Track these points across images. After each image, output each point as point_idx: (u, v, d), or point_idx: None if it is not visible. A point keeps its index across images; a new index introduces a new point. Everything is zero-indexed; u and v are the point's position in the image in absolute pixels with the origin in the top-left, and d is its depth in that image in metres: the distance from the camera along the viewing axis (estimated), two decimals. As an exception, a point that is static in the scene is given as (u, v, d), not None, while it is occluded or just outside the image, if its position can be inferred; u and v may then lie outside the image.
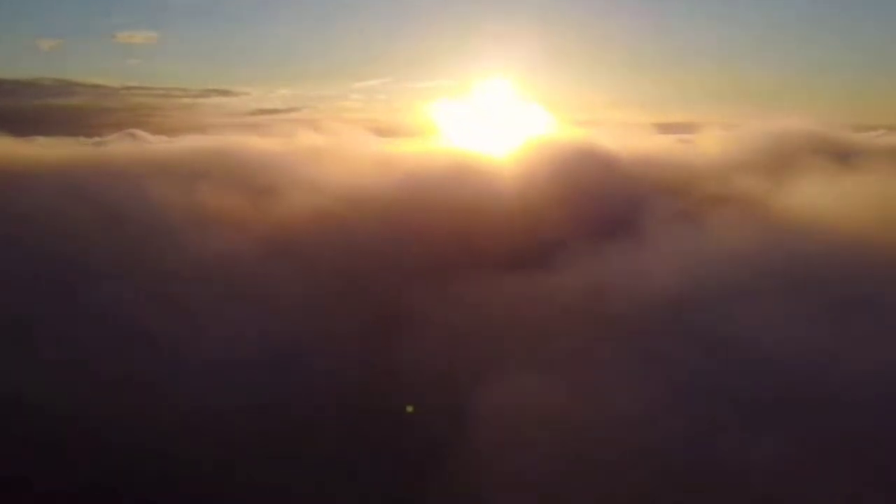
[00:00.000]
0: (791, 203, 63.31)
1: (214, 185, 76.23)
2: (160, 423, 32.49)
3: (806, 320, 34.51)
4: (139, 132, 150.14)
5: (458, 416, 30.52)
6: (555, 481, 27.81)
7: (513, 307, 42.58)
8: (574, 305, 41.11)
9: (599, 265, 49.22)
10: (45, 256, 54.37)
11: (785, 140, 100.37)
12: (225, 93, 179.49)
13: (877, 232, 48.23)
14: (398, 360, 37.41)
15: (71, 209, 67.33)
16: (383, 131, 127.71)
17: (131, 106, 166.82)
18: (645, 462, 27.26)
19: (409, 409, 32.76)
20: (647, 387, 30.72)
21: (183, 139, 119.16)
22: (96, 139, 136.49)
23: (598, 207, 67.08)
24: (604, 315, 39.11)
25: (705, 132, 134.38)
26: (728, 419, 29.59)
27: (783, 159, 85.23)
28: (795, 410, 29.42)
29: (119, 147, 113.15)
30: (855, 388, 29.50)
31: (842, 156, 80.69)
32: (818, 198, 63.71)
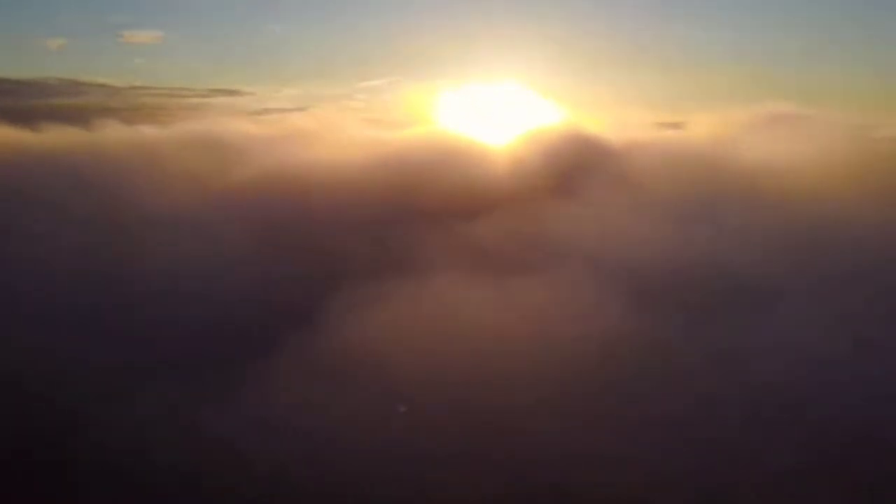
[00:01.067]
0: (734, 168, 66.57)
1: (194, 158, 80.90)
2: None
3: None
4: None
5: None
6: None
7: (435, 249, 45.95)
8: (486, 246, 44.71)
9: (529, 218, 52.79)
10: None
11: (755, 122, 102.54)
12: (231, 92, 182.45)
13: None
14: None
15: (60, 185, 72.14)
16: (385, 125, 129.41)
17: (137, 105, 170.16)
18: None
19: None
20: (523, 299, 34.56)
21: (175, 127, 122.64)
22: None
23: (551, 176, 70.35)
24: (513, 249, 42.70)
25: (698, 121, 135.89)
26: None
27: (744, 137, 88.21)
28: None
29: (111, 133, 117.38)
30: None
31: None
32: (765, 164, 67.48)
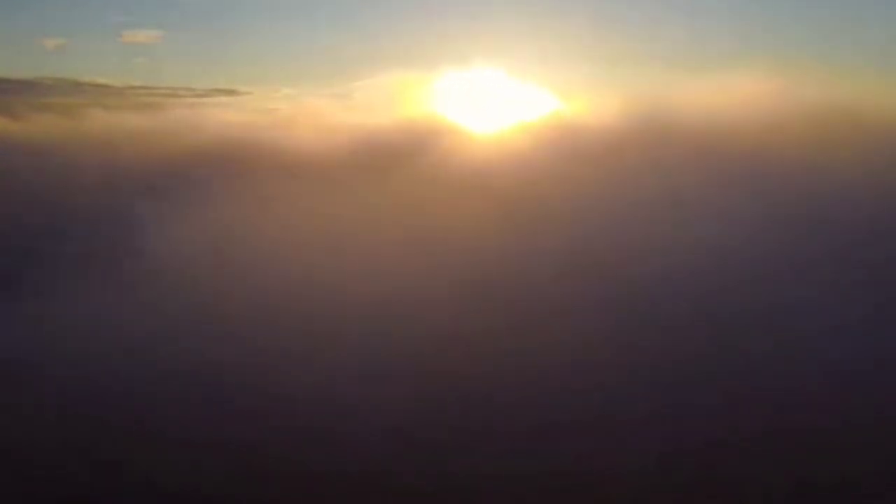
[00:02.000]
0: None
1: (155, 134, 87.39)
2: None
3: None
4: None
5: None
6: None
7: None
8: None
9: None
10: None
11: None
12: (229, 92, 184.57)
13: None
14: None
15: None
16: (361, 113, 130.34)
17: (136, 105, 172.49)
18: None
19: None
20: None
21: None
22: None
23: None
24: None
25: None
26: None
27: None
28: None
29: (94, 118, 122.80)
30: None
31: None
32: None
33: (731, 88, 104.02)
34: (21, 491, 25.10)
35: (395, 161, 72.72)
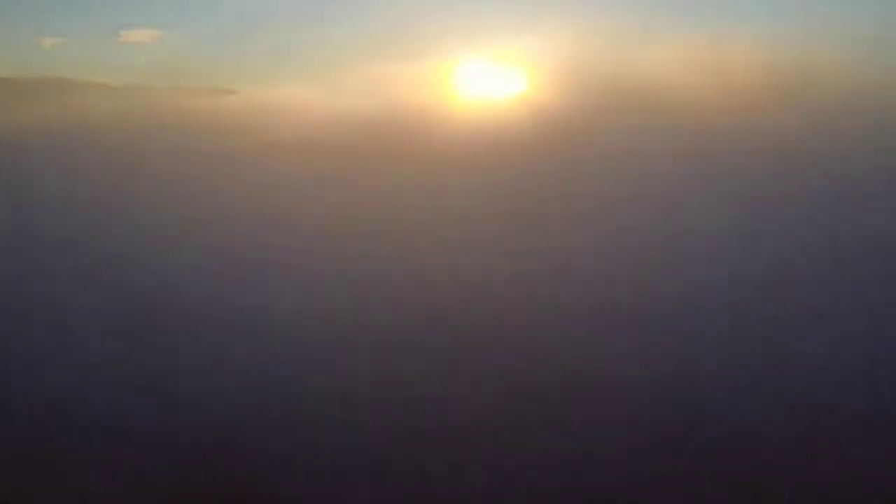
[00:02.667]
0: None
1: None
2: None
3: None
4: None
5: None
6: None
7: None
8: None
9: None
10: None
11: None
12: (227, 92, 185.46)
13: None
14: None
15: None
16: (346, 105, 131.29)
17: (133, 104, 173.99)
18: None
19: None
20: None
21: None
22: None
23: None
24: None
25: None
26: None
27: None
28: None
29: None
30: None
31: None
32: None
33: (687, 57, 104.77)
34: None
35: (384, 146, 72.47)
